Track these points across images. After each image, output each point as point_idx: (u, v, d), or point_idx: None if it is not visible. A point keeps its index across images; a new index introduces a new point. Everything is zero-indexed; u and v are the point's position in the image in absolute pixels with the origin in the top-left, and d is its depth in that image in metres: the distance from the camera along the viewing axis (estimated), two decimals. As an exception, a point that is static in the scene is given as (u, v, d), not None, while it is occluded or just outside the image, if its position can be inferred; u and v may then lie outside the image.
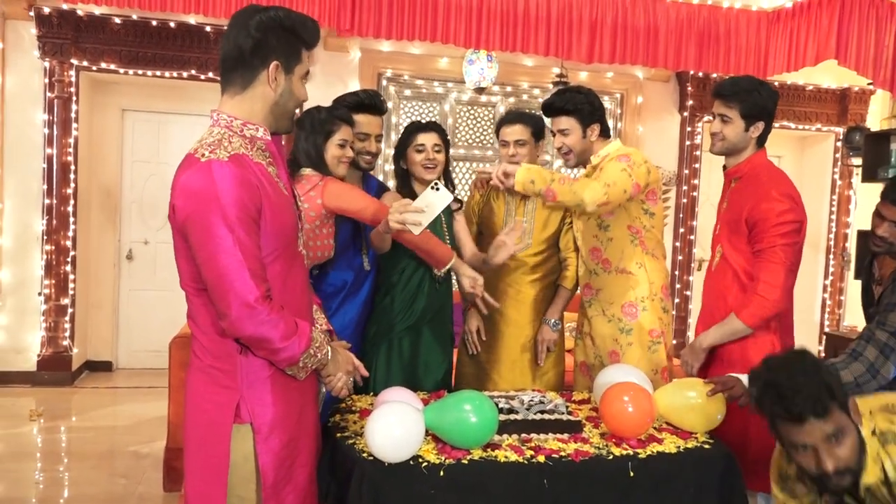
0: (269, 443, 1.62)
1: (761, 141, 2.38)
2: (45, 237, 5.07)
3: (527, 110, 2.84)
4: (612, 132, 2.80)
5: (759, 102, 2.31)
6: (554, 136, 2.63)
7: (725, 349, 2.36)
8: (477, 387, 2.66)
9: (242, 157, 1.57)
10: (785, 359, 1.66)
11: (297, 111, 1.78)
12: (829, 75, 5.97)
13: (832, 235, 6.39)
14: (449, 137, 2.74)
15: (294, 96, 1.67)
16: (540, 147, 2.76)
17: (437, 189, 2.13)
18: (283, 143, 1.78)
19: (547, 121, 2.71)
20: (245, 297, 1.51)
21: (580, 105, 2.54)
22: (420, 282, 2.56)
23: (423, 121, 2.69)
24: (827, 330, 6.05)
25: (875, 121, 6.04)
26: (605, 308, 2.60)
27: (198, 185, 1.51)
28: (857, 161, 5.69)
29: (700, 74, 5.80)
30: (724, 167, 2.48)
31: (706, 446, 2.02)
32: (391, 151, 5.73)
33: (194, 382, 1.66)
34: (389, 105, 5.72)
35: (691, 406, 2.10)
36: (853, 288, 6.12)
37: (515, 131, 2.69)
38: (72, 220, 5.13)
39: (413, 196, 2.51)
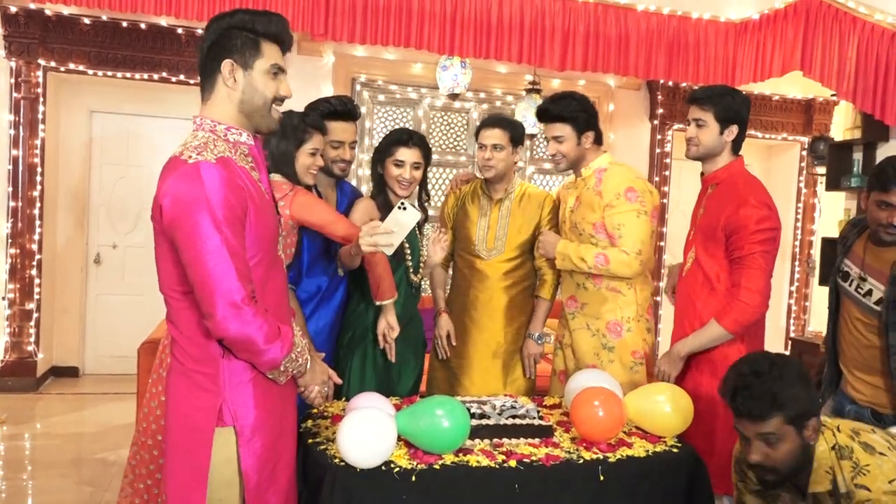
0: (251, 445, 1.63)
1: (736, 147, 2.44)
2: (9, 240, 4.97)
3: (505, 115, 2.82)
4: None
5: (732, 106, 2.37)
6: (547, 142, 2.63)
7: (694, 355, 2.40)
8: (448, 392, 2.67)
9: (228, 160, 1.58)
10: (763, 358, 1.76)
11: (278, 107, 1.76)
12: (794, 86, 6.10)
13: (797, 243, 6.53)
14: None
15: (259, 90, 1.64)
16: (517, 153, 2.75)
17: (404, 209, 2.09)
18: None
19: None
20: (231, 296, 1.51)
21: (576, 112, 2.54)
22: (397, 288, 2.56)
23: (408, 131, 2.61)
24: (792, 335, 6.16)
25: (839, 131, 6.18)
26: (589, 322, 2.59)
27: (186, 186, 1.51)
28: (822, 170, 5.83)
29: (670, 83, 5.90)
30: (702, 173, 2.51)
31: (674, 450, 2.06)
32: (365, 157, 5.75)
33: (175, 386, 1.65)
34: (363, 110, 5.71)
35: (661, 410, 2.13)
36: (818, 294, 6.26)
37: (494, 135, 2.68)
38: (38, 222, 5.03)
39: (388, 203, 2.53)
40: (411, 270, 2.60)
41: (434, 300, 2.89)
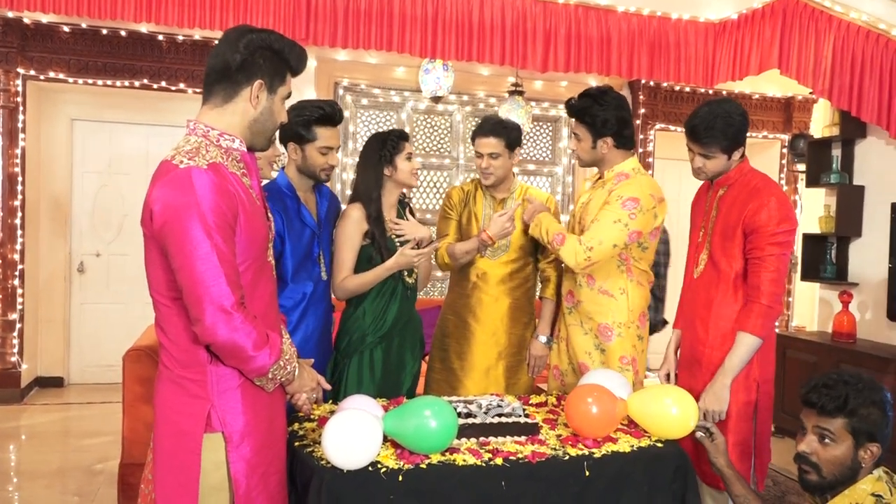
0: (240, 450, 1.63)
1: (741, 153, 2.38)
2: (-9, 251, 4.93)
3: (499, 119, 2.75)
4: (593, 143, 2.65)
5: (736, 135, 2.31)
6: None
7: (696, 350, 2.41)
8: (449, 393, 2.66)
9: (219, 167, 1.59)
10: (858, 374, 1.79)
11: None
12: (774, 84, 6.18)
13: (780, 239, 6.59)
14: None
15: (273, 116, 1.72)
16: (515, 155, 2.73)
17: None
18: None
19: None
20: (220, 302, 1.52)
21: (593, 116, 2.47)
22: (393, 291, 2.56)
23: (399, 130, 2.63)
24: (777, 330, 6.22)
25: (818, 128, 6.27)
26: (583, 321, 2.58)
27: (177, 192, 1.52)
28: (802, 167, 5.89)
29: (651, 83, 5.95)
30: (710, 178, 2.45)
31: (659, 445, 2.07)
32: (350, 161, 5.74)
33: (164, 393, 1.65)
34: (347, 114, 5.72)
35: (667, 413, 2.09)
36: (801, 289, 6.32)
37: (489, 144, 2.67)
38: (20, 232, 5.00)
39: (382, 215, 2.54)
40: (405, 273, 2.59)
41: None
